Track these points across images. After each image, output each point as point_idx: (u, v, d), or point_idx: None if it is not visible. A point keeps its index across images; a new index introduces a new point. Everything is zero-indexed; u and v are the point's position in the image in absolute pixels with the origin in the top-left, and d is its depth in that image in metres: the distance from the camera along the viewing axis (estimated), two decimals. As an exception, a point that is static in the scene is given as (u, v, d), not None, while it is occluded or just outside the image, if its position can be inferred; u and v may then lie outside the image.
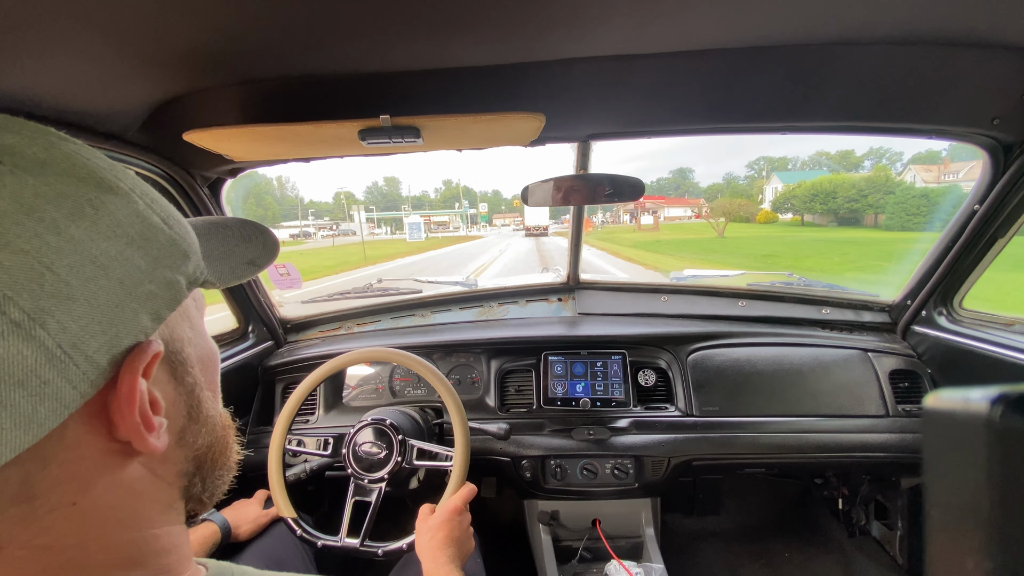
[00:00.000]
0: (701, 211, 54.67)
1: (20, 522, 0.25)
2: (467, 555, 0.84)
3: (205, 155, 0.96)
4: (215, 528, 0.97)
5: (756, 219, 41.29)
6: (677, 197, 74.67)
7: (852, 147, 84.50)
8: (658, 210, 49.44)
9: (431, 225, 55.24)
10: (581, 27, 0.68)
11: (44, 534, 0.26)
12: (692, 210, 55.93)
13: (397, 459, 1.00)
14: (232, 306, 1.42)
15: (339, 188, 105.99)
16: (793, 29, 0.71)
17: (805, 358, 1.37)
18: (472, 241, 30.65)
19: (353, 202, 76.99)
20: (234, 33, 0.63)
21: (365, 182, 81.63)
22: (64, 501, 0.26)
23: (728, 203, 48.16)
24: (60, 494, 0.26)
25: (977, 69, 0.81)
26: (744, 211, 44.46)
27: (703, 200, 68.45)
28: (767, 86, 0.89)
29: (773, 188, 48.09)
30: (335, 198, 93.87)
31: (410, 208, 56.11)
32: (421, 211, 65.56)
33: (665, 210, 52.45)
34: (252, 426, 1.40)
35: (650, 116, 1.03)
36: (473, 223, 59.44)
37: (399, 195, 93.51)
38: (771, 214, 42.81)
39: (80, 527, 0.27)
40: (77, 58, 0.62)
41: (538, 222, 30.36)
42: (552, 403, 1.33)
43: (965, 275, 1.24)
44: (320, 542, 0.97)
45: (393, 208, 75.96)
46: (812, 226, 36.34)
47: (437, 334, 1.50)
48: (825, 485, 1.74)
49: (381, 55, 0.72)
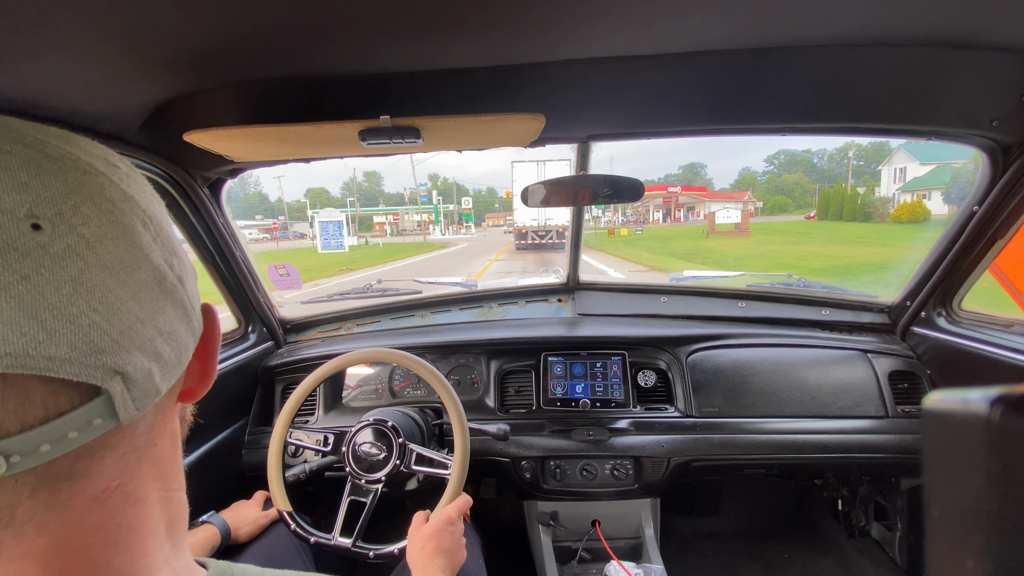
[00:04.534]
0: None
1: (126, 460, 0.28)
2: (458, 565, 0.84)
3: (205, 155, 0.96)
4: (215, 530, 0.97)
5: (891, 217, 27.28)
6: (716, 191, 59.40)
7: (884, 139, 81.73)
8: (696, 205, 40.46)
9: (393, 225, 41.39)
10: (581, 29, 0.68)
11: (138, 473, 0.29)
12: (739, 205, 38.96)
13: (396, 462, 1.00)
14: (232, 306, 1.42)
15: (311, 185, 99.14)
16: (792, 30, 0.71)
17: (805, 359, 1.37)
18: (426, 254, 19.93)
19: (326, 200, 67.76)
20: (235, 34, 0.63)
21: (343, 177, 77.95)
22: (150, 443, 0.30)
23: (837, 196, 33.77)
24: (154, 436, 0.30)
25: (976, 71, 0.81)
26: (867, 206, 30.97)
27: (749, 194, 55.25)
28: (767, 87, 0.89)
29: (897, 172, 33.40)
30: (307, 194, 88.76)
31: (415, 206, 43.28)
32: (390, 207, 50.35)
33: (706, 205, 39.32)
34: (252, 426, 1.40)
35: (650, 117, 1.03)
36: (460, 224, 44.38)
37: (381, 192, 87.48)
38: (920, 208, 25.20)
39: (153, 470, 0.30)
40: (78, 58, 0.62)
41: (542, 220, 17.01)
42: (552, 404, 1.33)
43: (964, 276, 1.24)
44: (313, 539, 0.97)
45: (372, 205, 66.61)
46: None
47: (437, 335, 1.50)
48: (825, 486, 1.75)
49: (382, 56, 0.72)
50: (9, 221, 0.22)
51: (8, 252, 0.22)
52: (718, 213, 25.88)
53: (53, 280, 0.23)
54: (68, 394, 0.24)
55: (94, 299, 0.24)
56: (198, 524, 0.97)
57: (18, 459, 0.23)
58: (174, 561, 0.31)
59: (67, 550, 0.26)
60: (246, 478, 1.32)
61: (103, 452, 0.26)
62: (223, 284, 1.35)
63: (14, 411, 0.22)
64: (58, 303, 0.23)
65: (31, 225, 0.23)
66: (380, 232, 41.76)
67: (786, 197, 65.47)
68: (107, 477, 0.27)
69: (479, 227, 50.77)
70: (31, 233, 0.23)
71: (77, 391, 0.24)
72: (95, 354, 0.24)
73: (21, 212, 0.23)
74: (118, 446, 0.27)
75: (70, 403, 0.24)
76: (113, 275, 0.25)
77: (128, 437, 0.28)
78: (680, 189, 43.85)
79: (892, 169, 34.56)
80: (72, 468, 0.25)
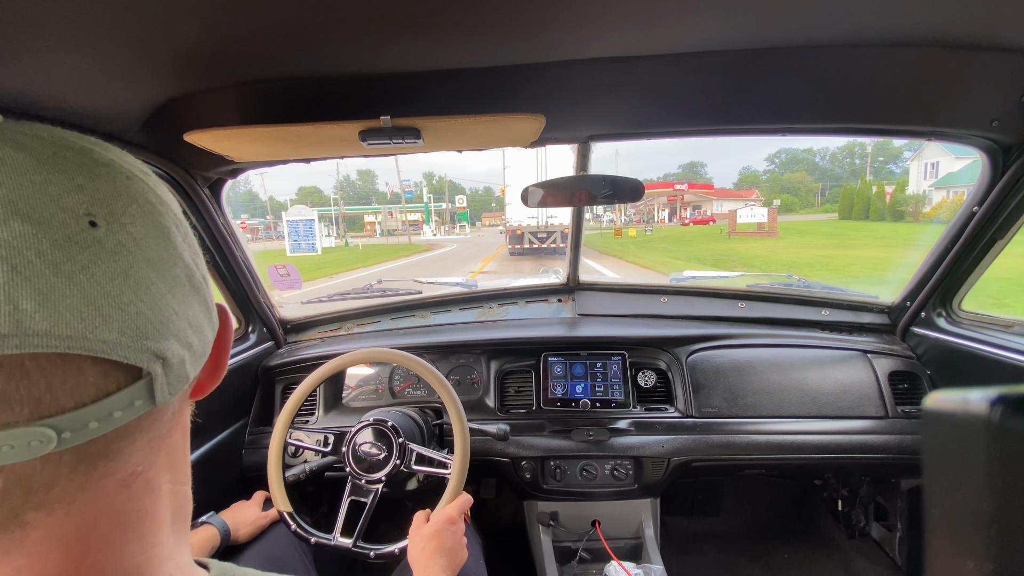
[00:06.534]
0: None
1: (151, 446, 0.30)
2: (459, 565, 0.84)
3: (206, 156, 0.96)
4: (214, 531, 0.96)
5: (925, 216, 24.72)
6: (725, 189, 52.72)
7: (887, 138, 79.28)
8: (702, 204, 38.08)
9: (398, 223, 36.74)
10: (581, 29, 0.68)
11: (156, 461, 0.31)
12: (751, 203, 37.58)
13: (396, 462, 1.00)
14: (232, 306, 1.42)
15: (304, 184, 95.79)
16: (793, 31, 0.71)
17: (805, 359, 1.37)
18: (400, 260, 17.15)
19: (318, 199, 63.77)
20: (235, 34, 0.63)
21: (338, 176, 74.74)
22: (168, 433, 0.32)
23: (862, 194, 29.23)
24: (172, 426, 0.32)
25: (976, 71, 0.81)
26: (898, 204, 27.33)
27: (756, 193, 53.39)
28: (767, 87, 0.89)
29: (928, 168, 29.37)
30: (299, 192, 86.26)
31: (413, 205, 39.01)
32: (379, 207, 44.48)
33: (714, 205, 37.44)
34: (252, 427, 1.40)
35: (650, 117, 1.03)
36: (454, 224, 42.10)
37: (374, 190, 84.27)
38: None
39: (167, 460, 0.32)
40: (78, 59, 0.62)
41: (543, 220, 13.78)
42: (552, 404, 1.33)
43: (964, 277, 1.24)
44: (313, 539, 0.97)
45: (365, 204, 60.61)
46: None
47: (437, 335, 1.50)
48: (825, 486, 1.75)
49: (382, 56, 0.72)
50: (70, 218, 0.25)
51: (70, 245, 0.24)
52: (740, 212, 22.61)
53: (108, 271, 0.25)
54: (116, 376, 0.26)
55: (140, 290, 0.27)
56: (198, 525, 0.97)
57: (69, 435, 0.24)
58: (178, 556, 0.32)
59: (91, 534, 0.27)
60: (246, 478, 1.32)
61: (136, 434, 0.28)
62: (223, 284, 1.35)
63: (70, 390, 0.24)
64: (112, 292, 0.25)
65: (89, 222, 0.25)
66: (371, 232, 40.16)
67: (792, 196, 64.67)
68: (135, 461, 0.29)
69: (474, 227, 48.45)
70: (89, 229, 0.25)
71: (124, 373, 0.26)
72: (141, 339, 0.26)
73: (80, 210, 0.25)
74: (148, 430, 0.29)
75: (116, 384, 0.26)
76: (155, 270, 0.28)
77: (157, 422, 0.30)
78: (687, 187, 41.47)
79: (922, 164, 31.01)
80: (109, 448, 0.27)
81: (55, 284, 0.23)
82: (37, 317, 0.23)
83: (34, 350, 0.23)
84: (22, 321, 0.22)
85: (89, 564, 0.27)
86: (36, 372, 0.23)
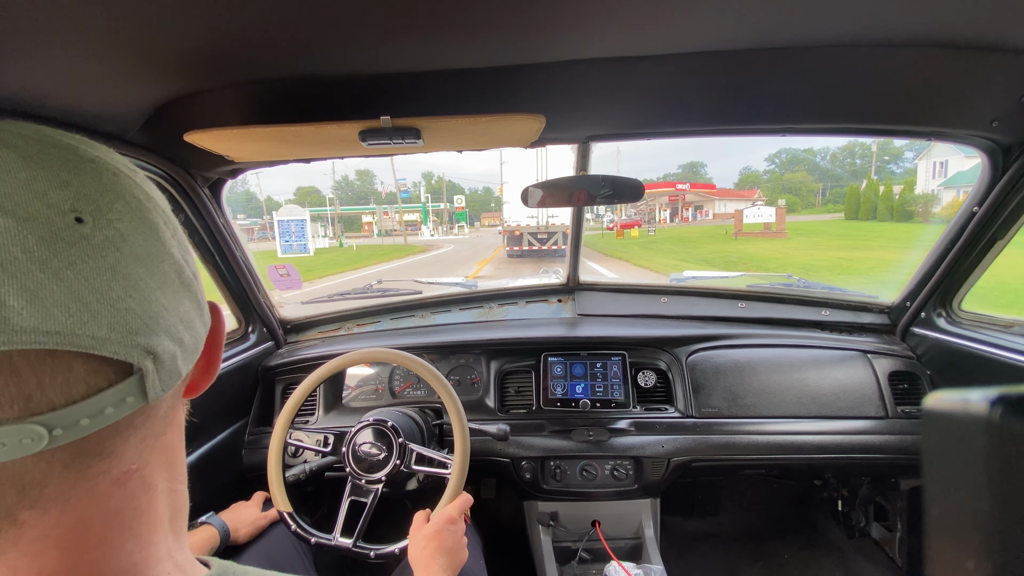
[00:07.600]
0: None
1: (145, 444, 0.30)
2: (460, 565, 0.84)
3: (206, 156, 0.96)
4: (214, 532, 0.96)
5: (935, 216, 24.71)
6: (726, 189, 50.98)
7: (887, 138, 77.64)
8: (704, 204, 37.76)
9: (394, 223, 36.89)
10: (582, 29, 0.68)
11: (152, 459, 0.31)
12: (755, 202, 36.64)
13: (396, 462, 1.00)
14: (232, 307, 1.42)
15: (302, 183, 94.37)
16: (793, 31, 0.72)
17: (805, 359, 1.37)
18: (401, 259, 17.15)
19: (316, 199, 62.40)
20: (235, 34, 0.63)
21: (336, 176, 73.23)
22: (163, 431, 0.32)
23: (869, 194, 28.35)
24: (166, 424, 0.32)
25: (976, 72, 0.81)
26: (907, 204, 26.55)
27: (759, 192, 51.72)
28: (767, 87, 0.89)
29: (936, 167, 28.15)
30: (297, 192, 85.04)
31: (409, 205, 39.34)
32: (381, 206, 44.25)
33: (715, 205, 37.06)
34: (252, 427, 1.40)
35: (651, 117, 1.03)
36: (452, 224, 41.85)
37: (373, 190, 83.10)
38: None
39: (163, 458, 0.32)
40: (78, 59, 0.62)
41: (543, 220, 13.13)
42: (552, 404, 1.33)
43: (964, 277, 1.24)
44: (314, 539, 0.97)
45: (364, 204, 60.82)
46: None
47: (437, 335, 1.50)
48: (824, 486, 1.74)
49: (382, 56, 0.72)
50: (56, 214, 0.24)
51: (57, 241, 0.24)
52: (746, 211, 22.00)
53: (95, 267, 0.25)
54: (106, 372, 0.26)
55: (129, 286, 0.27)
56: (197, 525, 0.97)
57: (60, 432, 0.24)
58: (176, 554, 0.32)
59: (87, 533, 0.27)
60: (246, 479, 1.32)
61: (129, 432, 0.28)
62: (223, 284, 1.35)
63: (60, 387, 0.24)
64: (100, 288, 0.25)
65: (75, 218, 0.25)
66: (368, 232, 39.42)
67: (793, 196, 64.40)
68: (128, 459, 0.29)
69: (473, 227, 48.34)
70: (75, 225, 0.25)
71: (114, 369, 0.26)
72: (131, 335, 0.26)
73: (66, 206, 0.25)
74: (141, 427, 0.29)
75: (107, 380, 0.26)
76: (144, 266, 0.28)
77: (150, 419, 0.30)
78: (689, 186, 40.67)
79: (931, 163, 29.97)
80: (102, 446, 0.27)
81: (42, 280, 0.23)
82: (24, 314, 0.22)
83: (22, 347, 0.23)
84: (9, 318, 0.22)
85: (86, 563, 0.27)
86: (25, 369, 0.23)
